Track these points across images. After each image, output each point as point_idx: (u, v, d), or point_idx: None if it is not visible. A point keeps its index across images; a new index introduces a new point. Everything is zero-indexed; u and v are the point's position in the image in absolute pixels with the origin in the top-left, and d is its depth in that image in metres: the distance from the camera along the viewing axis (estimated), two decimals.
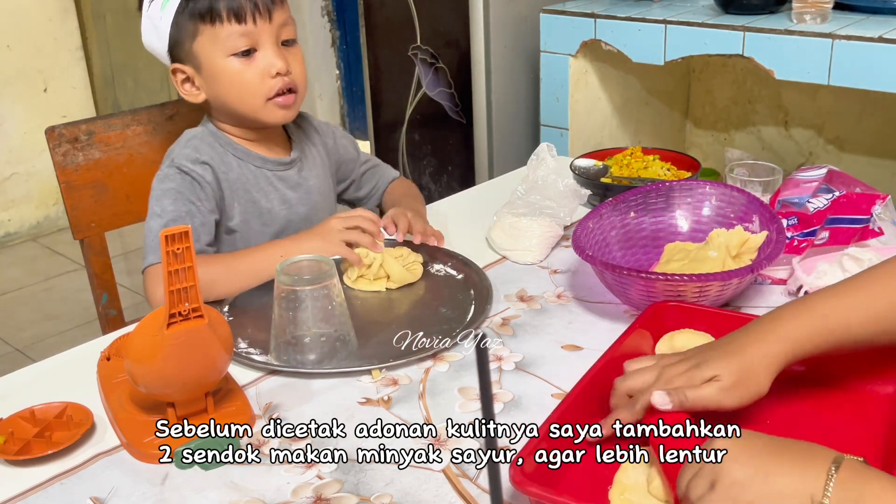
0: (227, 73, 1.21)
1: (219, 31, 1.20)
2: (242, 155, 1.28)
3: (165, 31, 1.23)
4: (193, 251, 0.82)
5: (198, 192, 1.22)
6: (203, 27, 1.20)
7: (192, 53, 1.22)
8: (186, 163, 1.22)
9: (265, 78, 1.22)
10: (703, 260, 1.11)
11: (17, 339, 2.74)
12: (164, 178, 1.22)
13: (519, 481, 0.72)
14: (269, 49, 1.22)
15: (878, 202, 1.20)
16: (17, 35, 3.35)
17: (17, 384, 1.01)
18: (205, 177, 1.23)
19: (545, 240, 1.27)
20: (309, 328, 1.00)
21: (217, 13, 1.19)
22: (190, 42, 1.22)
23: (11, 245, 3.47)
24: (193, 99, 1.27)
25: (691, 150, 2.76)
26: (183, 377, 0.86)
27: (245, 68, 1.21)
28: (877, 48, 1.75)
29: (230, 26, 1.19)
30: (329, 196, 1.40)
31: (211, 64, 1.22)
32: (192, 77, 1.25)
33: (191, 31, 1.21)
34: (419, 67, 2.52)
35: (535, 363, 1.00)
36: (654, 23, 2.04)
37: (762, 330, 0.83)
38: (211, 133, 1.28)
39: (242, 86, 1.22)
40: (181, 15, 1.21)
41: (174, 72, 1.26)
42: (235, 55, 1.21)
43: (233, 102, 1.24)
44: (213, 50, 1.21)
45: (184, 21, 1.21)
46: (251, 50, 1.21)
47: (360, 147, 1.49)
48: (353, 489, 0.81)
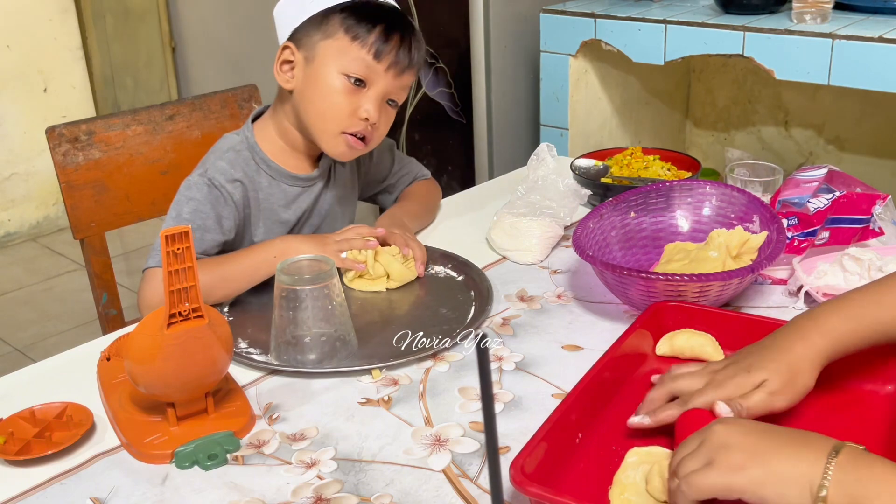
0: (329, 85, 1.19)
1: (351, 49, 1.17)
2: (275, 174, 1.26)
3: (308, 12, 1.19)
4: (193, 251, 0.82)
5: (220, 210, 1.20)
6: (342, 35, 1.18)
7: (316, 48, 1.19)
8: (219, 177, 1.21)
9: (354, 115, 1.19)
10: (703, 260, 1.11)
11: (17, 339, 2.74)
12: (192, 187, 1.21)
13: (519, 481, 0.72)
14: (375, 94, 1.19)
15: (879, 202, 1.20)
16: (17, 35, 3.35)
17: (17, 384, 1.01)
18: (234, 195, 1.21)
19: (545, 240, 1.27)
20: (309, 328, 1.00)
21: (365, 34, 1.17)
22: (321, 37, 1.19)
23: (11, 245, 3.47)
24: (284, 83, 1.23)
25: (691, 150, 2.77)
26: (183, 377, 0.86)
27: (345, 94, 1.18)
28: (877, 48, 1.75)
29: (364, 52, 1.17)
30: (349, 204, 1.39)
31: (322, 68, 1.19)
32: (297, 65, 1.22)
33: (330, 31, 1.18)
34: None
35: (536, 363, 1.00)
36: (654, 23, 2.04)
37: (804, 328, 0.84)
38: (249, 147, 1.26)
39: (332, 106, 1.19)
40: (333, 10, 1.18)
41: (284, 48, 1.23)
42: (347, 76, 1.18)
43: (314, 113, 1.21)
44: (334, 59, 1.18)
45: (332, 17, 1.18)
46: (363, 82, 1.19)
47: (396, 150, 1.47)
48: (353, 489, 0.81)
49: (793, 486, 0.64)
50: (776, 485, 0.65)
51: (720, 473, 0.67)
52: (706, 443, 0.70)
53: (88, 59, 3.67)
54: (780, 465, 0.66)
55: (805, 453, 0.66)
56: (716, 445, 0.69)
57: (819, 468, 0.64)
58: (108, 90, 3.97)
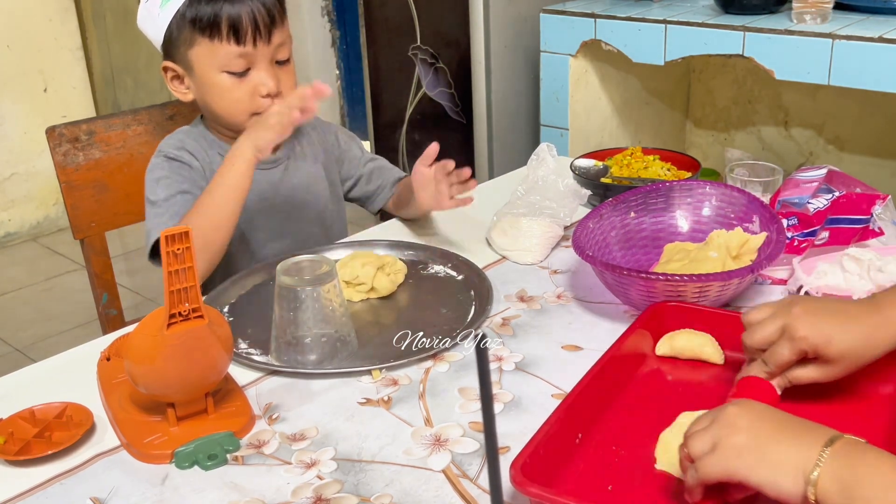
0: (217, 86, 1.23)
1: (217, 48, 1.20)
2: (226, 153, 1.27)
3: (162, 28, 1.23)
4: (193, 252, 0.82)
5: (186, 174, 1.25)
6: (201, 39, 1.20)
7: (187, 58, 1.23)
8: (172, 150, 1.26)
9: (254, 97, 1.23)
10: (703, 260, 1.11)
11: (17, 339, 2.74)
12: (153, 168, 1.26)
13: (519, 481, 0.72)
14: (262, 69, 1.22)
15: (878, 202, 1.20)
16: (17, 35, 3.35)
17: (17, 384, 1.01)
18: (191, 163, 1.26)
19: (545, 240, 1.27)
20: (310, 328, 1.00)
21: (217, 30, 1.19)
22: (186, 48, 1.22)
23: (11, 245, 3.47)
24: (182, 97, 1.28)
25: (691, 150, 2.77)
26: (183, 377, 0.86)
27: (236, 86, 1.22)
28: (877, 48, 1.75)
29: (228, 46, 1.20)
30: (320, 195, 1.39)
31: (203, 74, 1.23)
32: (184, 77, 1.26)
33: (188, 39, 1.21)
34: (419, 67, 2.52)
35: (535, 363, 1.00)
36: (654, 23, 2.04)
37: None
38: (200, 132, 1.31)
39: (231, 101, 1.23)
40: (181, 19, 1.21)
41: (165, 69, 1.27)
42: (229, 72, 1.22)
43: (219, 112, 1.26)
44: (208, 63, 1.22)
45: (183, 26, 1.21)
46: (246, 69, 1.22)
47: (363, 145, 1.49)
48: (353, 489, 0.81)
49: (786, 472, 0.66)
50: (771, 470, 0.67)
51: (720, 459, 0.68)
52: (716, 422, 0.71)
53: (88, 59, 3.67)
54: (776, 451, 0.67)
55: (802, 441, 0.67)
56: (722, 426, 0.70)
57: (813, 455, 0.65)
58: (108, 90, 3.97)
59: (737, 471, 0.68)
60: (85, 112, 3.52)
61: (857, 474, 0.63)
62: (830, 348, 0.82)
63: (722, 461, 0.68)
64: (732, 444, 0.69)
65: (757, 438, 0.68)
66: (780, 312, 0.85)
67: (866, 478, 0.63)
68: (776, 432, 0.68)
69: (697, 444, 0.71)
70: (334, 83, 3.81)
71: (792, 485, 0.65)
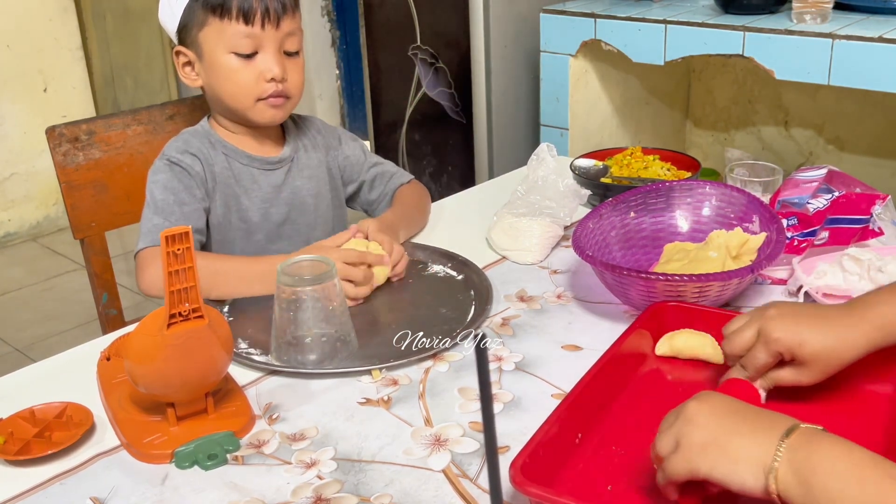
0: (224, 68, 1.24)
1: (226, 27, 1.22)
2: (230, 152, 1.30)
3: (178, 13, 1.25)
4: (193, 252, 0.82)
5: (187, 181, 1.25)
6: (212, 19, 1.22)
7: (197, 41, 1.25)
8: (175, 154, 1.26)
9: (260, 81, 1.24)
10: (702, 260, 1.11)
11: (17, 339, 2.74)
12: (156, 171, 1.26)
13: (519, 481, 0.72)
14: (269, 54, 1.24)
15: (878, 202, 1.20)
16: (17, 35, 3.35)
17: (17, 384, 1.01)
18: (193, 167, 1.26)
19: (545, 240, 1.27)
20: (310, 328, 1.00)
21: (227, 9, 1.21)
22: (197, 29, 1.24)
23: (11, 245, 3.47)
24: (191, 83, 1.29)
25: (691, 150, 2.77)
26: (183, 377, 0.86)
27: (242, 67, 1.24)
28: (877, 48, 1.75)
29: (237, 25, 1.21)
30: (323, 199, 1.38)
31: (212, 55, 1.24)
32: (192, 62, 1.28)
33: (200, 20, 1.23)
34: (419, 67, 2.52)
35: (535, 363, 1.00)
36: (654, 23, 2.04)
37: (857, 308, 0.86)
38: (205, 132, 1.32)
39: (236, 83, 1.24)
40: (195, 1, 1.23)
41: (177, 53, 1.29)
42: (236, 53, 1.23)
43: (225, 96, 1.26)
44: (216, 43, 1.23)
45: (196, 8, 1.23)
46: (253, 52, 1.23)
47: (368, 149, 1.49)
48: (353, 489, 0.81)
49: (747, 467, 0.66)
50: (732, 466, 0.67)
51: (683, 457, 0.69)
52: (678, 419, 0.72)
53: (88, 59, 3.67)
54: (737, 446, 0.68)
55: (760, 435, 0.67)
56: (683, 423, 0.71)
57: (772, 448, 0.66)
58: (108, 90, 3.97)
59: (699, 469, 0.68)
60: (85, 112, 3.52)
61: (812, 464, 0.64)
62: (804, 349, 0.83)
63: (684, 460, 0.69)
64: (693, 441, 0.69)
65: (716, 434, 0.69)
66: (755, 318, 0.87)
67: (821, 466, 0.63)
68: (735, 425, 0.69)
69: (662, 444, 0.71)
70: (334, 83, 3.81)
71: (753, 479, 0.66)
